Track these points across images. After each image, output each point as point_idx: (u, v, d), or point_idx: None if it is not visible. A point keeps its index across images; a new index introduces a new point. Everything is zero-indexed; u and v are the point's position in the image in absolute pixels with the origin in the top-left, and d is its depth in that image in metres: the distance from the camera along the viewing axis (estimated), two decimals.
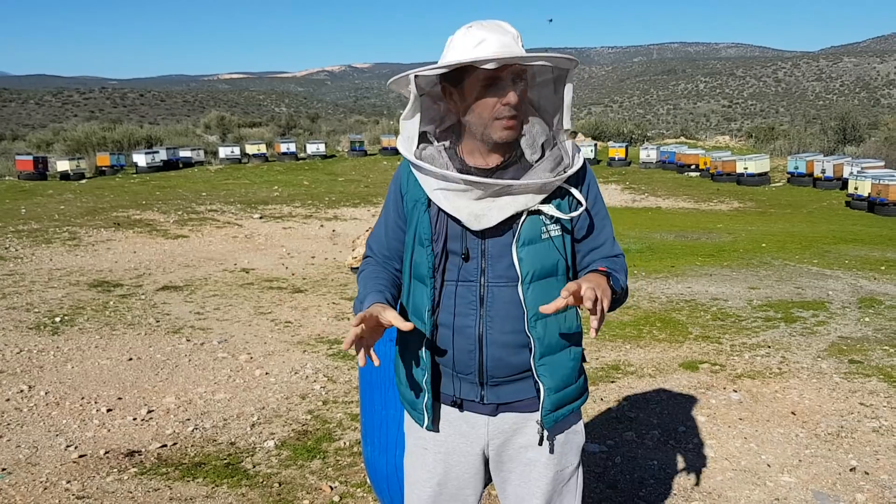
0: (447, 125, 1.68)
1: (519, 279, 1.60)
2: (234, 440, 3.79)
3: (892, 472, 3.38)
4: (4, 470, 3.41)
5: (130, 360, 5.11)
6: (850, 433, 3.81)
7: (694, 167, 21.49)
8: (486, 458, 1.74)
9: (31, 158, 19.95)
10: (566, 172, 1.60)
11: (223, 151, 24.65)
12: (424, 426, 1.71)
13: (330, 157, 26.16)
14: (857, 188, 14.85)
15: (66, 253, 9.60)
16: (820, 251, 9.66)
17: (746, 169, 19.10)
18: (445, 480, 1.73)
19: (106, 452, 3.60)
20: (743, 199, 17.11)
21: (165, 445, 3.70)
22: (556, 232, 1.63)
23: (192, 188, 18.05)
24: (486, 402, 1.67)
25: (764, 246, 10.18)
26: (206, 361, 5.11)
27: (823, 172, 17.66)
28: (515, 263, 1.59)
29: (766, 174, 19.29)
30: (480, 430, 1.70)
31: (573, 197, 1.64)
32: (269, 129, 33.87)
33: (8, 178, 19.89)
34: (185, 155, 23.90)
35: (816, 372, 4.77)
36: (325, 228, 12.52)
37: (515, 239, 1.59)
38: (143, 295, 7.26)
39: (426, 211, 1.64)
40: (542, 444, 1.67)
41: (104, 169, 21.66)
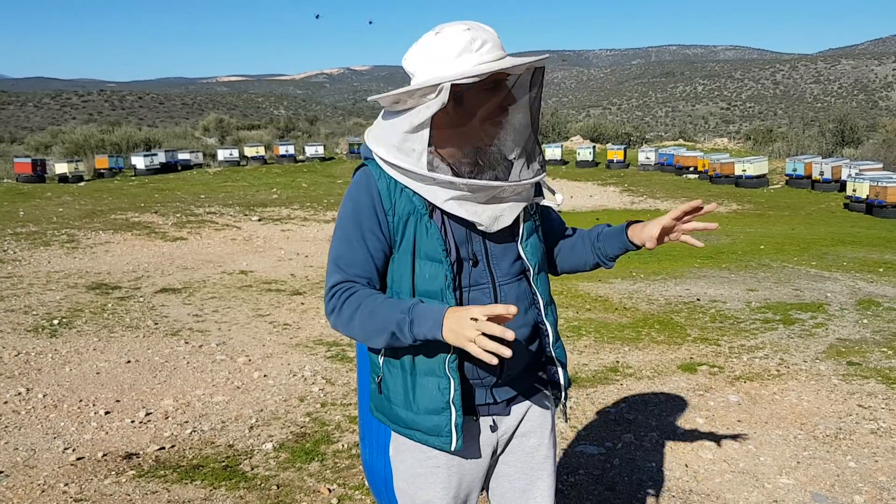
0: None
1: (530, 273, 1.69)
2: (232, 442, 3.78)
3: (889, 473, 3.38)
4: (2, 472, 3.40)
5: (129, 362, 5.11)
6: (848, 435, 3.82)
7: (692, 169, 21.50)
8: (494, 457, 1.75)
9: (29, 161, 19.97)
10: (543, 165, 1.67)
11: (222, 154, 24.66)
12: (453, 448, 1.60)
13: (328, 159, 26.17)
14: (855, 190, 14.88)
15: (64, 255, 9.59)
16: (818, 253, 9.67)
17: (745, 171, 19.11)
18: (458, 493, 1.71)
19: (104, 455, 3.59)
20: (741, 201, 17.13)
21: (163, 448, 3.70)
22: (538, 223, 1.74)
23: (190, 191, 18.04)
24: (498, 400, 1.69)
25: (762, 248, 10.19)
26: (204, 364, 5.11)
27: (822, 174, 17.67)
28: (524, 258, 1.67)
29: (764, 176, 19.31)
30: (494, 431, 1.70)
31: (546, 187, 1.75)
32: (267, 131, 33.85)
33: (6, 180, 19.89)
34: (183, 157, 23.89)
35: (815, 374, 4.77)
36: (323, 231, 12.52)
37: (520, 235, 1.67)
38: (141, 297, 7.26)
39: (429, 223, 1.58)
40: (567, 420, 1.75)
41: (103, 171, 21.67)
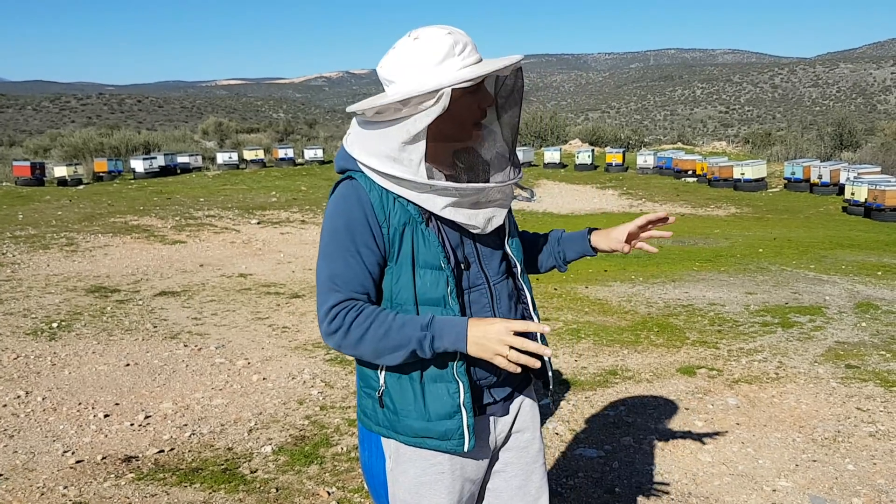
0: None
1: (517, 270, 1.73)
2: (231, 445, 3.78)
3: (888, 476, 3.38)
4: (1, 475, 3.40)
5: (128, 365, 5.11)
6: (846, 438, 3.82)
7: (691, 173, 21.54)
8: (494, 456, 1.76)
9: (28, 164, 19.94)
10: (520, 165, 1.70)
11: (221, 157, 24.63)
12: (466, 449, 1.59)
13: (328, 162, 26.15)
14: (853, 193, 14.90)
15: (63, 258, 9.59)
16: (817, 256, 9.69)
17: (743, 174, 19.14)
18: (461, 497, 1.70)
19: (103, 458, 3.59)
20: (740, 204, 17.15)
21: (163, 451, 3.70)
22: (514, 222, 1.78)
23: (189, 194, 18.04)
24: (497, 399, 1.69)
25: (761, 251, 10.21)
26: (203, 367, 5.11)
27: (820, 178, 17.71)
28: (511, 256, 1.72)
29: (762, 180, 19.35)
30: (494, 429, 1.71)
31: (518, 185, 1.77)
32: (266, 134, 33.89)
33: (5, 184, 19.88)
34: (182, 161, 23.87)
35: (813, 377, 4.78)
36: None
37: (508, 234, 1.72)
38: (140, 300, 7.26)
39: (426, 231, 1.56)
40: (553, 406, 1.74)
41: (102, 175, 21.65)
